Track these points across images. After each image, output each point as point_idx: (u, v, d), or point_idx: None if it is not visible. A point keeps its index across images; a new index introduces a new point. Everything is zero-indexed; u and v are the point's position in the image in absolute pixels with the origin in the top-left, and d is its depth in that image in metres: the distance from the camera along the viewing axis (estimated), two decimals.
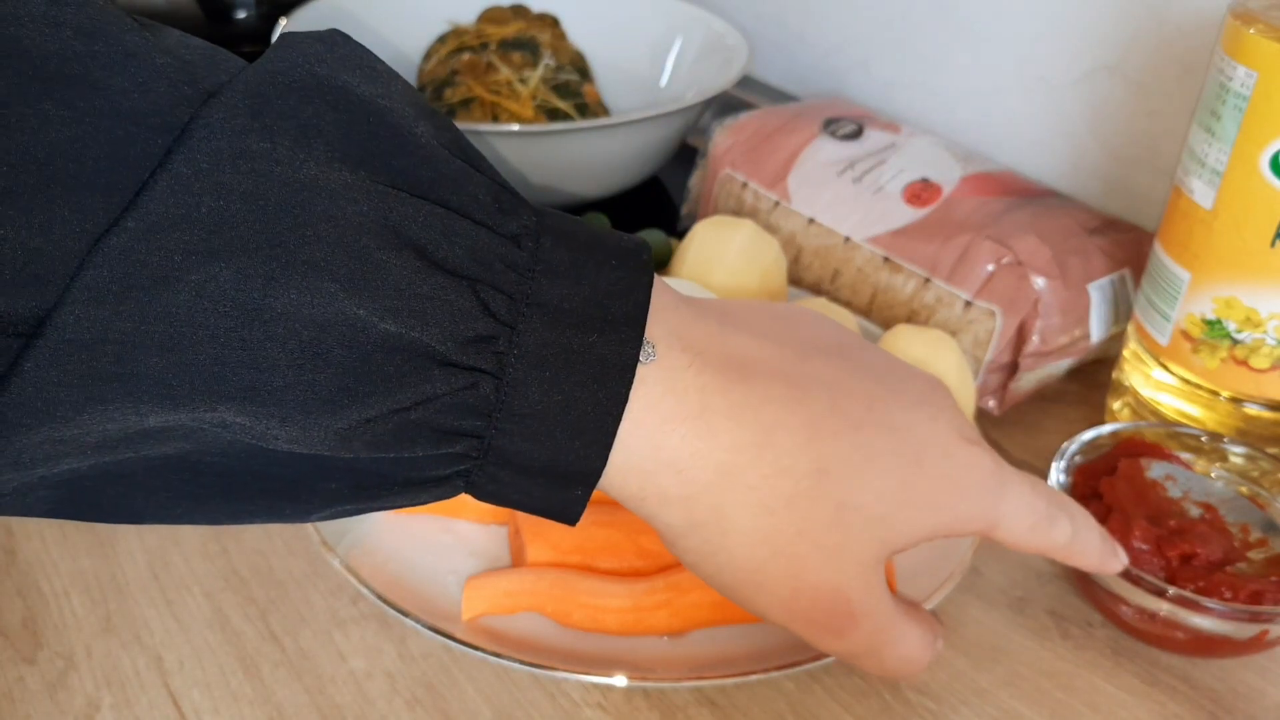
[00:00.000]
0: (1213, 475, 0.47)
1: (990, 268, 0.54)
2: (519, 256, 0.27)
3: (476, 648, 0.38)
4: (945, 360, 0.49)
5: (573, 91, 0.73)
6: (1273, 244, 0.44)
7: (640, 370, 0.28)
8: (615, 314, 0.27)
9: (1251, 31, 0.43)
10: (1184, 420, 0.50)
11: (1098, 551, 0.37)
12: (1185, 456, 0.47)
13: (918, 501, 0.31)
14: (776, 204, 0.63)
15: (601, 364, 0.27)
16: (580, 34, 0.81)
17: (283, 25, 0.75)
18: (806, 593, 0.31)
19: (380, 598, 0.40)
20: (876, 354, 0.33)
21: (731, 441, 0.29)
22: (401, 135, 0.26)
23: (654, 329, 0.29)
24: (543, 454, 0.28)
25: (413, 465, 0.27)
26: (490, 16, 0.79)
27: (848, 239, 0.59)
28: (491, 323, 0.26)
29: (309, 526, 0.43)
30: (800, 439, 0.30)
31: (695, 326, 0.30)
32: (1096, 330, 0.55)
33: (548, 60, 0.74)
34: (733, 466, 0.29)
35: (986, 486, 0.32)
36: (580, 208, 0.68)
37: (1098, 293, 0.54)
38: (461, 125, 0.64)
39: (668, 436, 0.29)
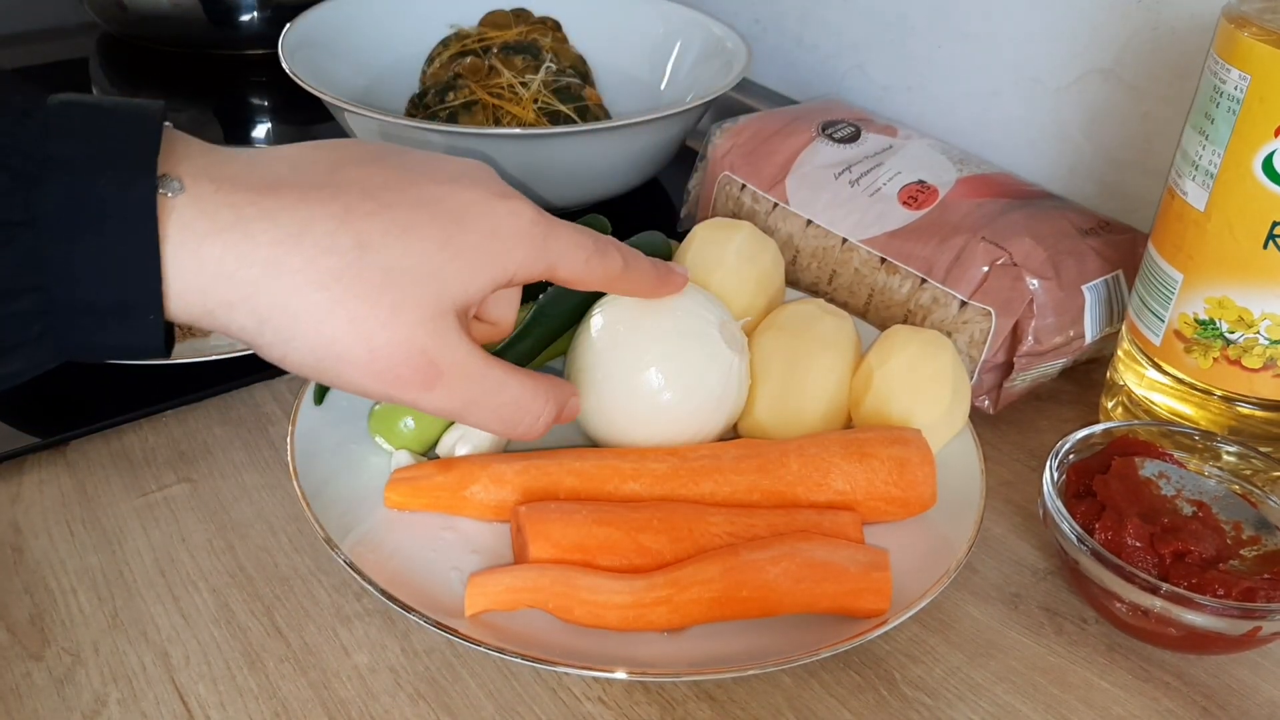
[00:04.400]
0: (1205, 473, 0.47)
1: (985, 269, 0.54)
2: (31, 125, 0.30)
3: (479, 643, 0.39)
4: (941, 360, 0.49)
5: (574, 95, 0.74)
6: (1265, 245, 0.45)
7: (169, 202, 0.32)
8: (131, 159, 0.31)
9: (1245, 35, 0.43)
10: (1177, 419, 0.50)
11: (651, 276, 0.42)
12: (1178, 455, 0.48)
13: (466, 255, 0.35)
14: (775, 206, 0.63)
15: (125, 202, 0.31)
16: (581, 38, 0.82)
17: (288, 30, 0.75)
18: (382, 352, 0.34)
19: (384, 594, 0.40)
20: (414, 154, 0.37)
21: (270, 239, 0.33)
22: None
23: (181, 167, 0.32)
24: (105, 293, 0.31)
25: None
26: (492, 20, 0.80)
27: (845, 240, 0.60)
28: (10, 180, 0.29)
29: (314, 523, 0.43)
30: (335, 224, 0.33)
31: (226, 164, 0.34)
32: (1090, 330, 0.55)
33: (549, 64, 0.74)
34: (276, 258, 0.33)
35: (532, 233, 0.36)
36: (581, 209, 0.69)
37: (1092, 293, 0.55)
38: (464, 128, 0.65)
39: (210, 250, 0.32)
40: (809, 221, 0.61)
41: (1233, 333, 0.47)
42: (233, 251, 0.32)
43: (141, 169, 0.31)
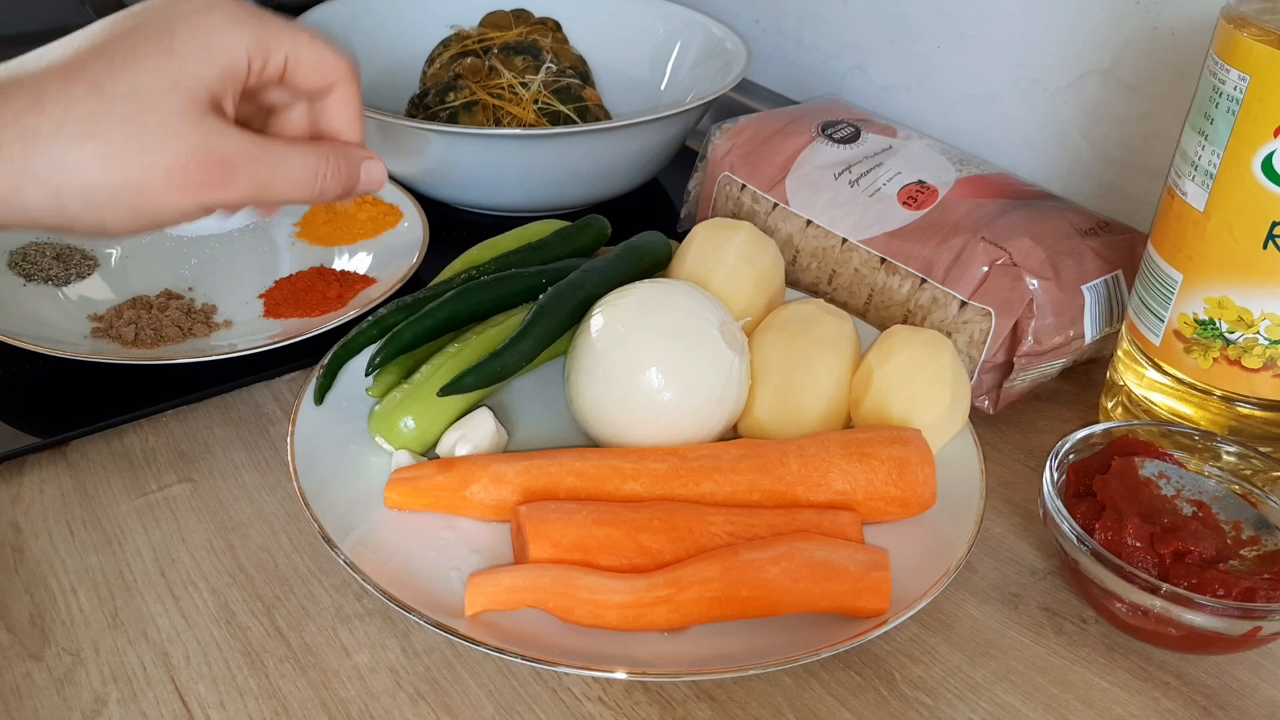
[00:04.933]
0: (1205, 473, 0.47)
1: (985, 269, 0.54)
2: None
3: (479, 643, 0.39)
4: (940, 360, 0.49)
5: (574, 95, 0.74)
6: (1264, 245, 0.45)
7: None
8: None
9: (1244, 35, 0.43)
10: (1177, 419, 0.50)
11: (361, 116, 0.42)
12: (1178, 455, 0.48)
13: (191, 54, 0.36)
14: (775, 206, 0.63)
15: None
16: (581, 38, 0.82)
17: None
18: (176, 168, 0.36)
19: (384, 594, 0.41)
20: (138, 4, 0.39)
21: (13, 112, 0.34)
22: None
23: None
24: None
25: None
26: (492, 21, 0.80)
27: (845, 241, 0.60)
28: None
29: (314, 523, 0.43)
30: (64, 79, 0.35)
31: None
32: (1090, 330, 0.55)
33: (549, 64, 0.75)
34: (26, 125, 0.34)
35: (249, 20, 0.38)
36: (581, 210, 0.69)
37: (1091, 293, 0.55)
38: (464, 128, 0.65)
39: None
40: (809, 222, 0.61)
41: (1232, 333, 0.47)
42: None
43: None
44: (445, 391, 0.47)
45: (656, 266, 0.57)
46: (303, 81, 0.40)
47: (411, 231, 0.65)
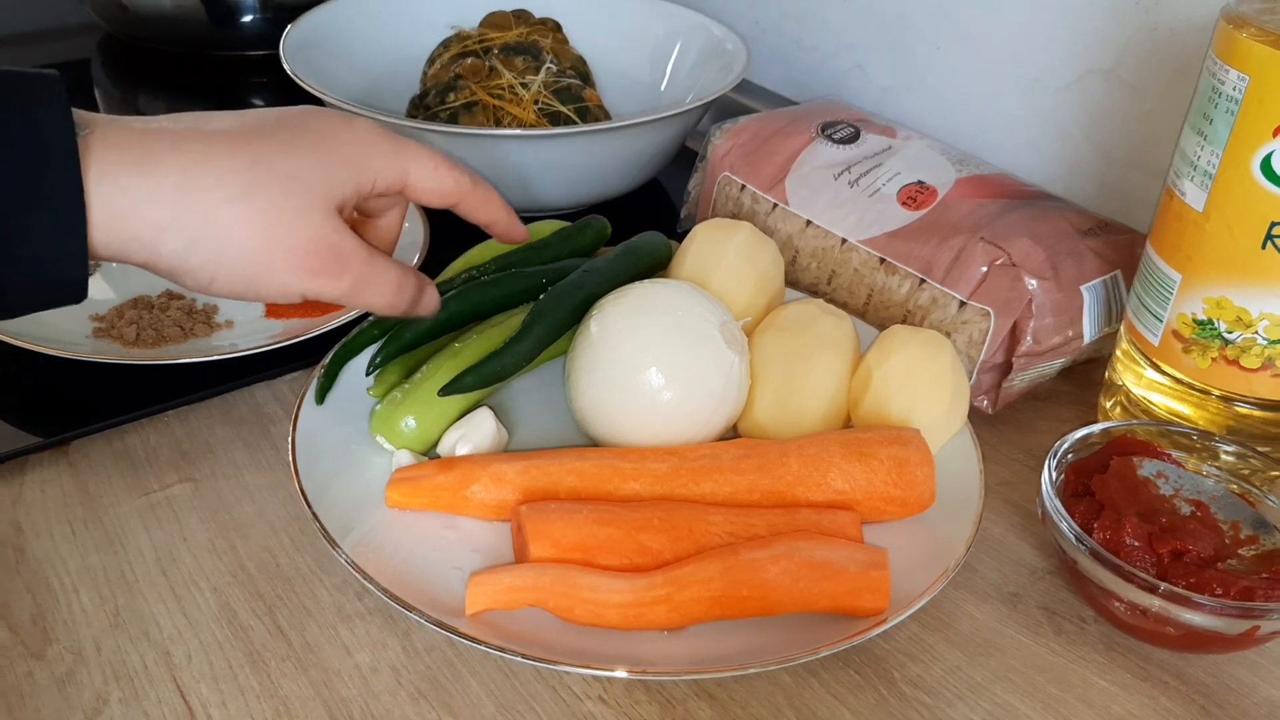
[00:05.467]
0: (1204, 473, 0.47)
1: (984, 269, 0.55)
2: None
3: (480, 642, 0.39)
4: (940, 360, 0.49)
5: (574, 95, 0.74)
6: (1263, 245, 0.45)
7: (81, 141, 0.36)
8: (47, 101, 0.35)
9: (1243, 36, 0.43)
10: (1175, 419, 0.51)
11: (501, 205, 0.48)
12: (1176, 455, 0.48)
13: (340, 162, 0.41)
14: (774, 206, 0.63)
15: (40, 140, 0.35)
16: (582, 39, 0.82)
17: (289, 31, 0.75)
18: (300, 249, 0.40)
19: (385, 593, 0.41)
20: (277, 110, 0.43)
21: (178, 164, 0.38)
22: None
23: (83, 119, 0.37)
24: (33, 216, 0.35)
25: None
26: (493, 21, 0.80)
27: (844, 241, 0.60)
28: None
29: (315, 523, 0.43)
30: (231, 146, 0.39)
31: (122, 119, 0.39)
32: (1089, 330, 0.55)
33: (549, 64, 0.75)
34: (190, 181, 0.37)
35: (387, 144, 0.43)
36: (581, 210, 0.69)
37: (1090, 294, 0.55)
38: (464, 129, 0.65)
39: (126, 177, 0.37)
40: (808, 222, 0.62)
41: (1231, 333, 0.47)
42: (149, 178, 0.37)
43: (56, 105, 0.36)
44: (445, 391, 0.47)
45: (656, 266, 0.57)
46: (418, 199, 0.45)
47: (412, 232, 0.65)
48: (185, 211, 0.37)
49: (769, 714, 0.40)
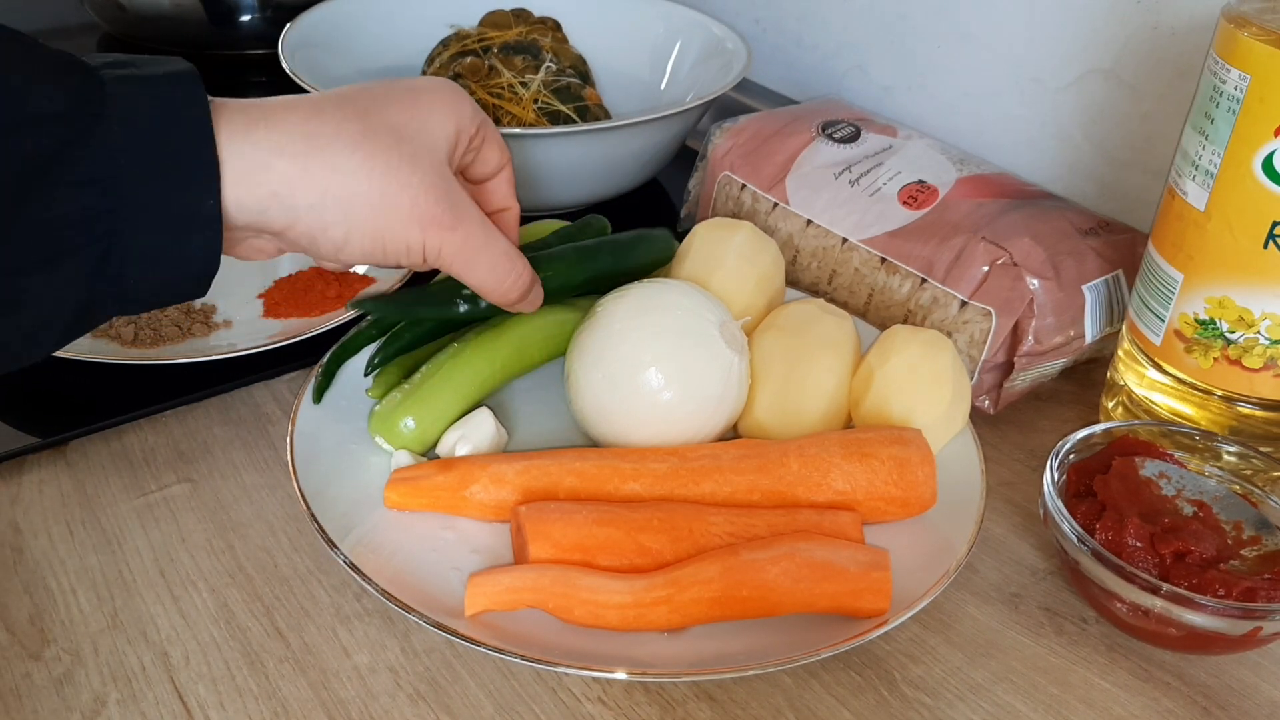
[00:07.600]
0: (1206, 473, 0.47)
1: (985, 269, 0.54)
2: (92, 77, 0.36)
3: (479, 643, 0.39)
4: (941, 360, 0.49)
5: (574, 95, 0.73)
6: (1265, 245, 0.45)
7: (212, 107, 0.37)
8: (177, 79, 0.37)
9: (1244, 35, 0.43)
10: (1177, 419, 0.50)
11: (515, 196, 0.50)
12: (1179, 455, 0.48)
13: (435, 112, 0.43)
14: (775, 206, 0.63)
15: (173, 104, 0.36)
16: (581, 38, 0.82)
17: (288, 30, 0.75)
18: (419, 195, 0.41)
19: (384, 594, 0.40)
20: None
21: (298, 118, 0.39)
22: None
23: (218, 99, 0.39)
24: (167, 178, 0.36)
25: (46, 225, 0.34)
26: (492, 20, 0.80)
27: (845, 240, 0.60)
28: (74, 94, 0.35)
29: (314, 523, 0.43)
30: (339, 102, 0.41)
31: (235, 100, 0.40)
32: (1090, 330, 0.55)
33: (549, 64, 0.74)
34: (311, 132, 0.39)
35: (463, 95, 0.45)
36: (581, 209, 0.69)
37: (1092, 293, 0.55)
38: None
39: (255, 133, 0.38)
40: (809, 221, 0.61)
41: (1233, 332, 0.47)
42: (275, 132, 0.38)
43: (193, 81, 0.37)
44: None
45: (658, 265, 0.57)
46: (487, 156, 0.46)
47: None
48: (313, 162, 0.38)
49: (769, 715, 0.40)
